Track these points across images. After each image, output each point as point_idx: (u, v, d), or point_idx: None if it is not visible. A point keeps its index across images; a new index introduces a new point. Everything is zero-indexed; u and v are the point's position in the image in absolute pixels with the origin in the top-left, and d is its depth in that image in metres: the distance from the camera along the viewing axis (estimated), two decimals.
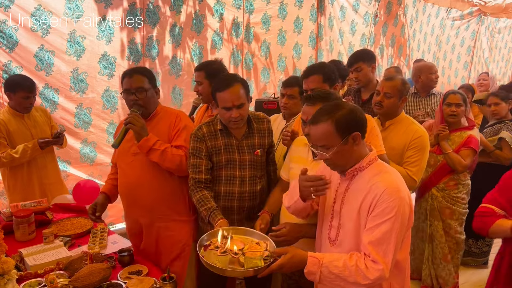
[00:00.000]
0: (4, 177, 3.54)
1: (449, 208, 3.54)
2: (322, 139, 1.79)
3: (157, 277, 2.15)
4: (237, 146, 2.59)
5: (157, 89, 2.74)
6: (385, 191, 1.73)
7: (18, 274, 2.09)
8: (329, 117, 1.77)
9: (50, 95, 3.91)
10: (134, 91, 2.60)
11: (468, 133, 3.52)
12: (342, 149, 1.78)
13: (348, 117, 1.78)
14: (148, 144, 2.53)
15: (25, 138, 3.42)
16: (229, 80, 2.49)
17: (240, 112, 2.45)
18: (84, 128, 4.20)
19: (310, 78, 2.75)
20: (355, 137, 1.78)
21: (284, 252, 1.79)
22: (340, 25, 6.38)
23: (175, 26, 4.62)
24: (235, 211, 2.61)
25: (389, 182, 1.77)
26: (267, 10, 5.41)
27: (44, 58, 3.79)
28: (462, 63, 8.94)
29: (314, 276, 1.76)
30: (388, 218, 1.71)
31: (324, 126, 1.78)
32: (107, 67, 4.20)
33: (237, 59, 5.29)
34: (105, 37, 4.12)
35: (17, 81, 3.39)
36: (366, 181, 1.82)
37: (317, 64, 3.03)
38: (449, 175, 3.54)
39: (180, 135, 2.65)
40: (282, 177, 2.62)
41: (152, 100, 2.69)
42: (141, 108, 2.61)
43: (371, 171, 1.84)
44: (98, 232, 2.75)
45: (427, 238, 3.68)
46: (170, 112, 2.77)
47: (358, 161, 1.85)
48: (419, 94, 4.41)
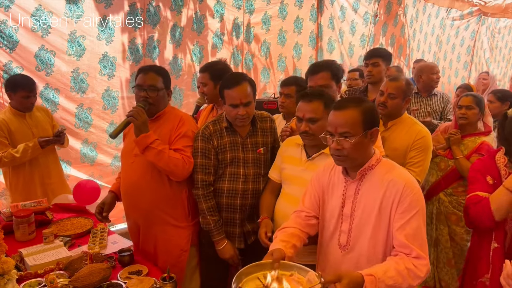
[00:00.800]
0: (6, 177, 3.53)
1: (456, 214, 3.41)
2: (347, 125, 1.73)
3: (157, 277, 2.14)
4: (242, 144, 2.60)
5: (169, 91, 2.70)
6: (406, 186, 1.72)
7: (18, 274, 2.07)
8: (358, 106, 1.75)
9: (51, 96, 3.91)
10: (146, 88, 2.56)
11: (482, 139, 3.33)
12: (361, 141, 1.74)
13: (373, 112, 1.78)
14: (146, 141, 2.45)
15: (26, 137, 3.40)
16: (238, 78, 2.51)
17: (246, 110, 2.48)
18: (84, 128, 4.19)
19: (318, 75, 2.74)
20: (373, 133, 1.77)
21: (337, 279, 1.57)
22: (340, 25, 6.37)
23: (176, 26, 4.61)
24: (238, 209, 2.61)
25: (406, 177, 1.77)
26: (267, 10, 5.41)
27: (45, 58, 3.78)
28: (462, 63, 8.92)
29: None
30: (416, 212, 1.72)
31: (353, 113, 1.74)
32: (107, 68, 4.19)
33: (237, 59, 5.29)
34: (106, 37, 4.12)
35: (18, 81, 3.38)
36: (380, 179, 1.79)
37: (324, 61, 3.03)
38: (459, 181, 3.40)
39: (180, 139, 2.60)
40: (272, 178, 2.58)
41: (162, 100, 2.64)
42: (147, 105, 2.56)
43: (382, 168, 1.81)
44: (98, 232, 2.74)
45: (432, 242, 3.57)
46: (175, 115, 2.71)
47: (367, 160, 1.82)
48: (421, 94, 4.38)
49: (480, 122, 3.41)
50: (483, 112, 3.38)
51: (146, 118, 2.50)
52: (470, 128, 3.40)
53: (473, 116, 3.35)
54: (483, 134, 3.38)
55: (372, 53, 3.68)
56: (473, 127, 3.39)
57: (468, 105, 3.35)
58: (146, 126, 2.48)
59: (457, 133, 3.37)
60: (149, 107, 2.56)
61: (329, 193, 1.96)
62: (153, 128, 2.56)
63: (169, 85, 2.70)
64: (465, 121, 3.36)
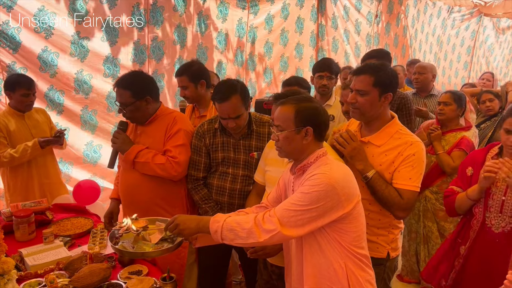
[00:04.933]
0: (4, 177, 3.48)
1: (443, 211, 3.33)
2: (280, 119, 1.82)
3: (157, 277, 2.10)
4: (234, 145, 2.61)
5: (147, 98, 2.58)
6: (315, 175, 1.71)
7: (18, 274, 2.04)
8: (294, 104, 1.81)
9: (55, 97, 3.83)
10: (119, 106, 2.57)
11: (462, 133, 3.35)
12: (292, 136, 1.80)
13: (310, 112, 1.80)
14: (129, 157, 2.54)
15: (25, 138, 3.34)
16: (227, 92, 2.42)
17: (236, 122, 2.46)
18: (91, 130, 4.14)
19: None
20: (308, 131, 1.78)
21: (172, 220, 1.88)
22: (345, 25, 6.30)
23: (180, 27, 4.54)
24: (226, 206, 2.64)
25: (324, 171, 1.72)
26: (270, 10, 5.34)
27: (48, 59, 3.72)
28: (462, 63, 8.85)
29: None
30: (303, 192, 1.70)
31: (286, 109, 1.81)
32: (111, 69, 4.12)
33: (241, 59, 5.22)
34: (110, 38, 4.04)
35: (16, 79, 3.33)
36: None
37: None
38: (442, 177, 3.40)
39: (170, 139, 2.60)
40: (257, 181, 2.54)
41: (142, 109, 2.59)
42: (124, 123, 2.63)
43: (316, 165, 1.80)
44: (98, 232, 2.70)
45: (421, 240, 3.56)
46: (168, 115, 2.68)
47: (305, 157, 1.82)
48: (419, 94, 4.38)
49: (462, 119, 3.43)
50: (462, 108, 3.39)
51: (124, 137, 2.60)
52: (451, 124, 3.42)
53: (450, 112, 3.37)
54: (464, 130, 3.39)
55: (370, 54, 3.67)
56: (453, 123, 3.41)
57: (445, 101, 3.38)
58: (127, 144, 2.58)
59: (437, 128, 3.40)
60: (126, 125, 2.65)
61: (287, 189, 1.99)
62: (147, 132, 2.62)
63: (143, 93, 2.56)
64: (443, 116, 3.40)
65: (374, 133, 2.16)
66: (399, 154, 2.06)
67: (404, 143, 2.08)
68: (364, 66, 2.20)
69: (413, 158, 2.04)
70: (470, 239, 2.38)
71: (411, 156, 2.04)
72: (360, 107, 2.12)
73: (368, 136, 2.17)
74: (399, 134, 2.12)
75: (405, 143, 2.08)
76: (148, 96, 2.57)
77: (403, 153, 2.06)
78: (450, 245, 2.54)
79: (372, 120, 2.17)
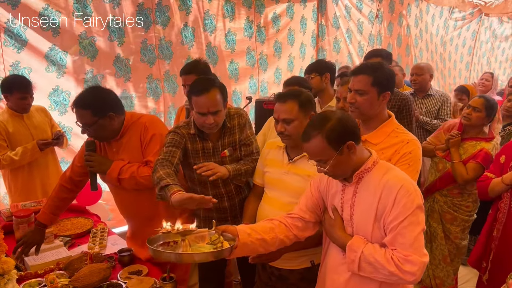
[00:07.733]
0: (5, 178, 3.43)
1: (450, 214, 3.25)
2: (317, 154, 1.71)
3: (157, 277, 2.08)
4: (213, 148, 2.39)
5: (110, 114, 2.28)
6: (402, 187, 1.63)
7: (18, 274, 2.03)
8: (319, 132, 1.69)
9: (61, 98, 3.76)
10: (81, 127, 2.31)
11: (482, 145, 3.08)
12: (339, 160, 1.69)
13: (338, 128, 1.69)
14: (113, 176, 2.30)
15: (25, 138, 3.28)
16: (207, 84, 2.26)
17: (215, 118, 2.25)
18: None
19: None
20: (350, 146, 1.69)
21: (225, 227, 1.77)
22: (347, 25, 6.18)
23: (187, 26, 4.44)
24: (214, 210, 2.46)
25: (402, 178, 1.68)
26: (276, 9, 5.24)
27: (56, 58, 3.63)
28: (464, 64, 8.72)
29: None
30: (410, 213, 1.61)
31: (316, 141, 1.69)
32: (123, 70, 4.04)
33: (252, 59, 5.12)
34: (117, 38, 3.96)
35: (13, 82, 3.22)
36: (378, 181, 1.69)
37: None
38: (455, 183, 3.20)
39: (147, 147, 2.37)
40: (256, 183, 2.42)
41: (106, 128, 2.31)
42: (91, 143, 2.39)
43: (379, 170, 1.72)
44: (98, 232, 2.69)
45: (427, 238, 3.42)
46: (138, 123, 2.42)
47: (361, 165, 1.73)
48: (417, 94, 4.28)
49: (487, 127, 3.18)
50: (490, 118, 3.13)
51: (99, 158, 2.36)
52: (473, 131, 3.17)
53: (477, 120, 3.11)
54: (485, 140, 3.13)
55: (372, 53, 3.60)
56: (476, 130, 3.16)
57: (476, 106, 3.10)
58: (105, 164, 2.33)
59: (458, 135, 3.16)
60: (94, 145, 2.41)
61: (329, 199, 1.89)
62: (123, 147, 2.38)
63: (104, 110, 2.27)
64: (468, 122, 3.14)
65: (371, 131, 2.14)
66: (396, 152, 2.04)
67: (400, 141, 2.06)
68: (362, 66, 2.19)
69: (409, 156, 2.01)
70: (500, 221, 2.67)
71: (407, 154, 2.02)
72: (360, 106, 2.10)
73: (365, 135, 2.13)
74: (396, 133, 2.11)
75: (402, 141, 2.05)
76: (111, 113, 2.29)
77: (399, 151, 2.03)
78: (488, 230, 2.78)
79: (370, 118, 2.15)
